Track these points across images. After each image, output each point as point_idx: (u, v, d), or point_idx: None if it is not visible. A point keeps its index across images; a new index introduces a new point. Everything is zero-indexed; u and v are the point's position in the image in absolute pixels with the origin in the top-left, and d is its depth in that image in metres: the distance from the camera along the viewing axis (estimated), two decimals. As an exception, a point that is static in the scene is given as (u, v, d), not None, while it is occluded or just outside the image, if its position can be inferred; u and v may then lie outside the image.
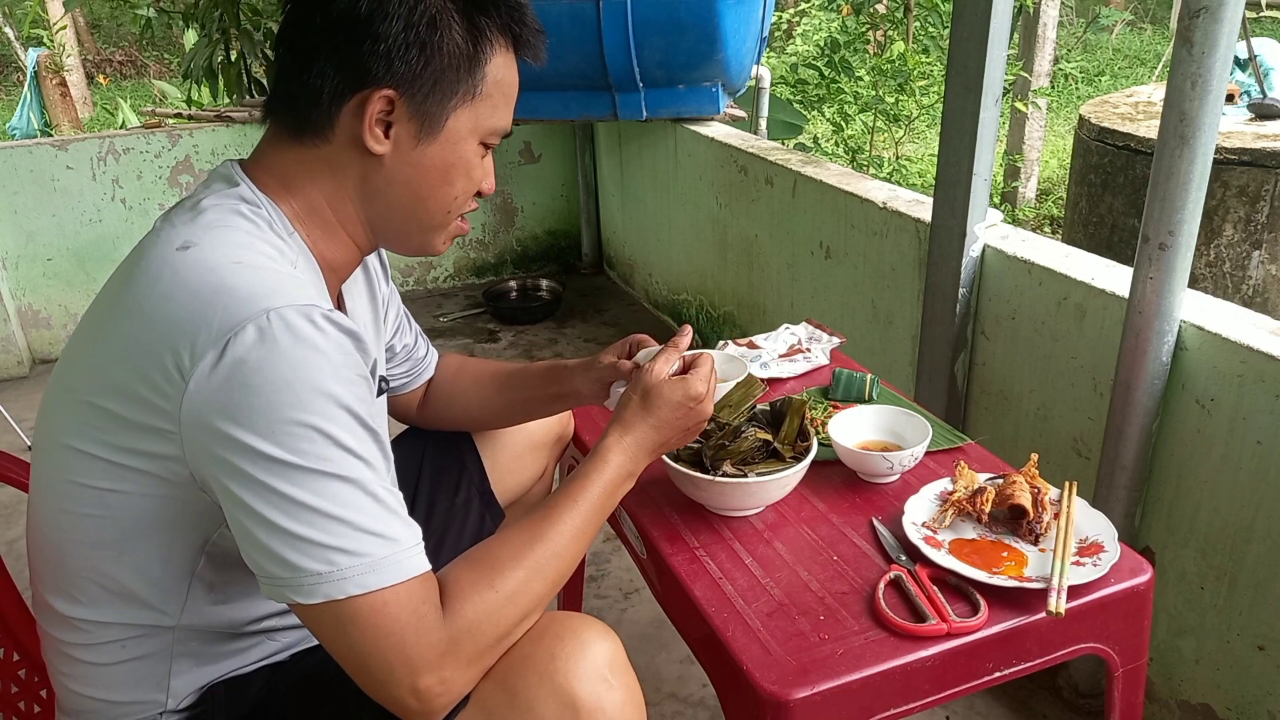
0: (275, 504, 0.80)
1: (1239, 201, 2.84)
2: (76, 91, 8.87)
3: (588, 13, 2.67)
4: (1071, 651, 1.08)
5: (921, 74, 4.54)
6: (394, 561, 0.83)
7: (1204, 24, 1.28)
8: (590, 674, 0.90)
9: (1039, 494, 1.16)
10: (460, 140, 0.97)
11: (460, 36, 0.93)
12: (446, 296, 3.99)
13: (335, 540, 0.81)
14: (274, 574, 0.82)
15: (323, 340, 0.82)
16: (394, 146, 0.95)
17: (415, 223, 1.02)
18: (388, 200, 0.99)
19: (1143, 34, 11.37)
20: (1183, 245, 1.39)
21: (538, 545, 0.94)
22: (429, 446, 1.40)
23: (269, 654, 1.05)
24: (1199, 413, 1.46)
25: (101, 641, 0.96)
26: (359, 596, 0.81)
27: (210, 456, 0.82)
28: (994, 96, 1.73)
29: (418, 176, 0.97)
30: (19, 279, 3.36)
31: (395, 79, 0.91)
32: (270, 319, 0.80)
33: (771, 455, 1.21)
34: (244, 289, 0.83)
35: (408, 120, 0.94)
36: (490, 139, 1.01)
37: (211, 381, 0.80)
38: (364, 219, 1.00)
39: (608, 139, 3.77)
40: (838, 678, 0.96)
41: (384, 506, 0.84)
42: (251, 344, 0.80)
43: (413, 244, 1.05)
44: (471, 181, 1.01)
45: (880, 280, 2.21)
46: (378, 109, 0.92)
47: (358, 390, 0.85)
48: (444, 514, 1.35)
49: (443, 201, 1.00)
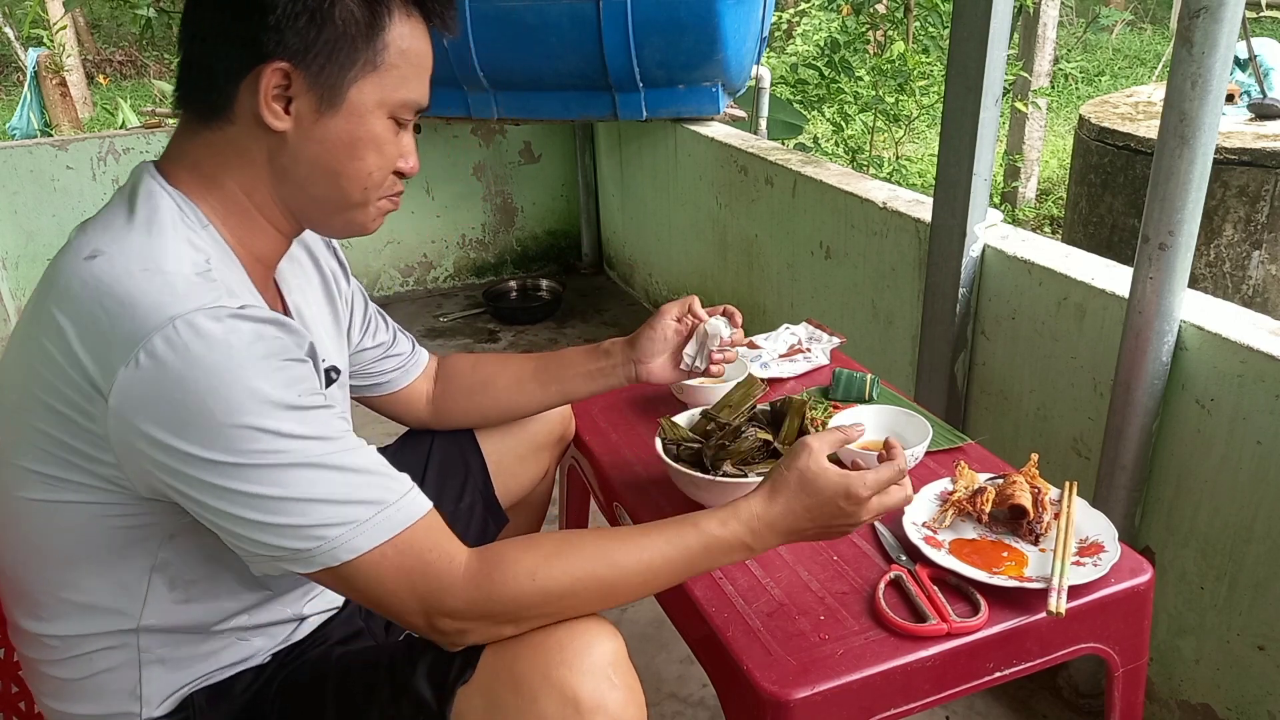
0: (244, 502, 0.81)
1: (1239, 201, 2.84)
2: (76, 91, 8.86)
3: (588, 13, 2.67)
4: (1071, 651, 1.08)
5: (921, 74, 4.54)
6: (381, 520, 0.85)
7: (1204, 24, 1.28)
8: (593, 672, 0.91)
9: (1039, 494, 1.16)
10: (365, 113, 0.93)
11: (354, 4, 0.90)
12: (446, 296, 3.99)
13: (316, 519, 0.82)
14: (263, 555, 0.84)
15: (235, 339, 0.81)
16: (296, 122, 0.92)
17: (331, 201, 0.98)
18: (298, 179, 0.95)
19: (1143, 34, 11.37)
20: (1183, 245, 1.39)
21: (601, 561, 0.92)
22: (433, 451, 1.40)
23: (245, 657, 1.04)
24: (1199, 413, 1.46)
25: (69, 655, 0.95)
26: (355, 559, 0.84)
27: (157, 468, 0.82)
28: (994, 96, 1.73)
29: (324, 152, 0.94)
30: (19, 279, 3.36)
31: (288, 51, 0.88)
32: (177, 327, 0.79)
33: (771, 455, 1.21)
34: (149, 298, 0.81)
35: (307, 93, 0.91)
36: (401, 113, 0.96)
37: (131, 397, 0.79)
38: (279, 201, 0.97)
39: (608, 139, 3.77)
40: (838, 678, 0.96)
41: (355, 472, 0.85)
42: (162, 355, 0.79)
43: (335, 224, 1.01)
44: (384, 157, 0.97)
45: (880, 280, 2.21)
46: (273, 83, 0.89)
47: (286, 375, 0.84)
48: (447, 519, 1.35)
49: (355, 178, 0.96)
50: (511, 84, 2.95)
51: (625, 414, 1.53)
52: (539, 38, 2.74)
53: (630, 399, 1.58)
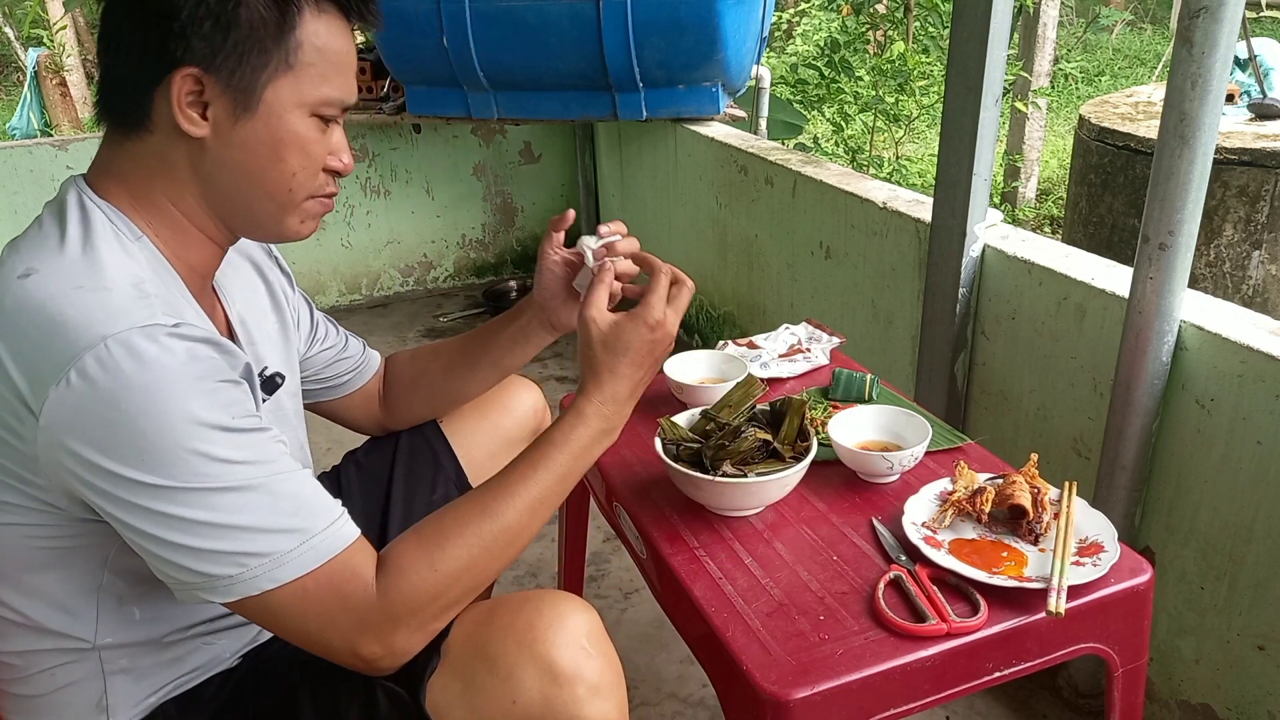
0: (169, 525, 0.80)
1: (1239, 201, 2.84)
2: (76, 91, 8.86)
3: (588, 13, 2.66)
4: (1071, 651, 1.08)
5: (921, 74, 4.54)
6: (306, 549, 0.83)
7: (1204, 24, 1.28)
8: (569, 643, 0.91)
9: (1039, 494, 1.16)
10: (285, 113, 0.91)
11: (261, 4, 0.88)
12: (446, 296, 3.99)
13: (239, 546, 0.81)
14: (184, 581, 0.83)
15: (169, 359, 0.80)
16: (214, 128, 0.90)
17: (258, 206, 0.96)
18: (221, 185, 0.94)
19: (1143, 34, 11.37)
20: (1183, 245, 1.38)
21: (487, 520, 0.93)
22: (400, 448, 1.39)
23: (212, 659, 1.04)
24: (1199, 413, 1.46)
25: (30, 673, 0.95)
26: (275, 590, 0.83)
27: (85, 487, 0.81)
28: (994, 96, 1.73)
29: (245, 156, 0.92)
30: (19, 279, 3.36)
31: (196, 56, 0.87)
32: (109, 347, 0.78)
33: (771, 455, 1.21)
34: (82, 317, 0.80)
35: (221, 98, 0.89)
36: (324, 110, 0.94)
37: (62, 417, 0.79)
38: (207, 208, 0.96)
39: (608, 139, 3.77)
40: (838, 678, 0.96)
41: (284, 497, 0.84)
42: (94, 375, 0.78)
43: (266, 230, 0.99)
44: (309, 158, 0.95)
45: (880, 280, 2.21)
46: (185, 90, 0.88)
47: (220, 397, 0.83)
48: (423, 512, 1.34)
49: (279, 180, 0.94)
50: (511, 84, 2.95)
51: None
52: (539, 38, 2.74)
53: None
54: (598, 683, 0.92)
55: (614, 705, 0.94)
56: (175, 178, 0.93)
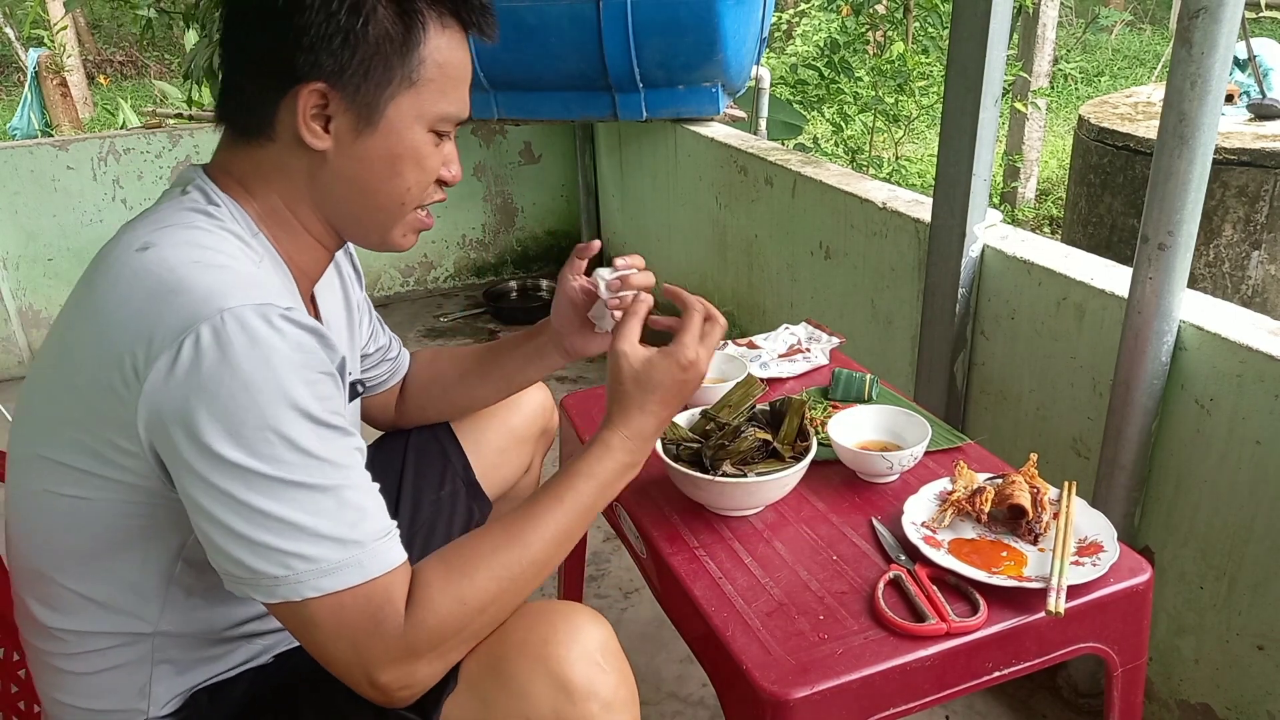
0: (233, 508, 0.80)
1: (1238, 201, 2.84)
2: (77, 92, 8.86)
3: (588, 13, 2.66)
4: (1071, 651, 1.08)
5: (921, 74, 4.54)
6: (354, 564, 0.82)
7: (1203, 24, 1.28)
8: (583, 658, 0.91)
9: (1038, 494, 1.16)
10: (404, 129, 0.94)
11: (388, 21, 0.90)
12: (446, 296, 3.99)
13: (292, 546, 0.81)
14: (232, 572, 0.83)
15: (280, 340, 0.81)
16: (335, 141, 0.92)
17: (369, 217, 0.99)
18: (338, 196, 0.96)
19: (1142, 34, 11.37)
20: (1182, 245, 1.39)
21: (515, 548, 0.92)
22: (410, 444, 1.40)
23: (250, 657, 1.05)
24: (1198, 413, 1.46)
25: (81, 651, 0.95)
26: (315, 599, 0.82)
27: (170, 456, 0.82)
28: (994, 96, 1.73)
29: (364, 170, 0.94)
30: (19, 279, 3.36)
31: (323, 72, 0.89)
32: (225, 319, 0.79)
33: (771, 455, 1.21)
34: (200, 288, 0.81)
35: (345, 113, 0.91)
36: (441, 125, 0.97)
37: (169, 383, 0.79)
38: (321, 217, 0.98)
39: (608, 139, 3.77)
40: (837, 677, 0.96)
41: (347, 506, 0.83)
42: (207, 345, 0.79)
43: (372, 239, 1.02)
44: (424, 171, 0.97)
45: (880, 280, 2.21)
46: (310, 104, 0.90)
47: (320, 389, 0.83)
48: (431, 508, 1.35)
49: (394, 194, 0.97)
50: (511, 84, 2.95)
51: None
52: (539, 38, 2.74)
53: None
54: (611, 700, 0.91)
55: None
56: (293, 185, 0.96)
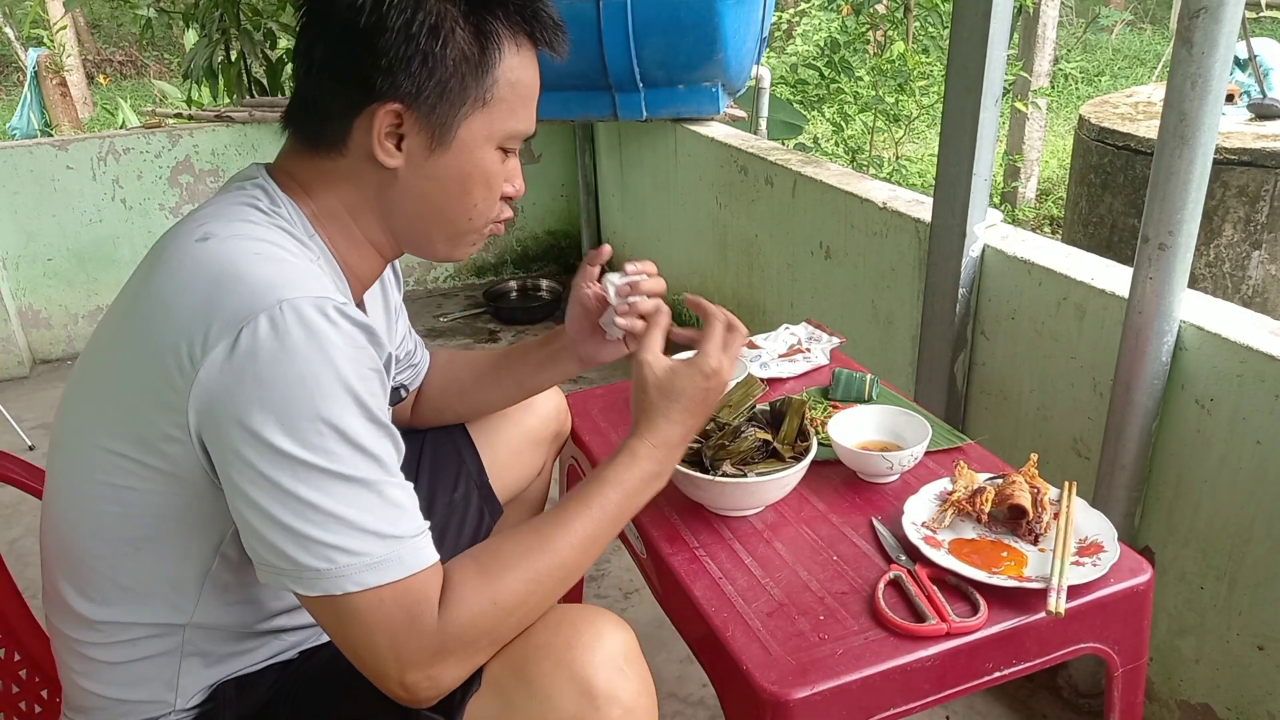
0: (279, 499, 0.80)
1: (1239, 201, 2.84)
2: (77, 91, 8.87)
3: (588, 13, 2.67)
4: (1071, 651, 1.08)
5: (921, 74, 4.54)
6: (395, 559, 0.83)
7: (1204, 24, 1.28)
8: (606, 663, 0.91)
9: (1038, 494, 1.16)
10: (475, 149, 0.95)
11: (466, 43, 0.91)
12: (447, 296, 3.99)
13: (336, 539, 0.81)
14: (273, 563, 0.83)
15: (335, 333, 0.82)
16: (407, 159, 0.94)
17: (437, 233, 1.01)
18: (406, 212, 0.98)
19: (1143, 34, 11.37)
20: (1182, 245, 1.39)
21: (544, 553, 0.93)
22: (426, 443, 1.40)
23: (277, 652, 1.05)
24: (1199, 413, 1.46)
25: (114, 640, 0.96)
26: (356, 593, 0.82)
27: (218, 444, 0.82)
28: (994, 96, 1.73)
29: (434, 188, 0.96)
30: (19, 279, 3.36)
31: (400, 93, 0.90)
32: (284, 309, 0.80)
33: (771, 455, 1.21)
34: (260, 278, 0.82)
35: (419, 132, 0.93)
36: (509, 143, 0.98)
37: (224, 371, 0.80)
38: (386, 229, 1.00)
39: (608, 139, 3.77)
40: (837, 678, 0.96)
41: (390, 503, 0.84)
42: (264, 335, 0.79)
43: (438, 253, 1.04)
44: (490, 189, 0.99)
45: (880, 280, 2.21)
46: (386, 124, 0.91)
47: (371, 385, 0.85)
48: (444, 509, 1.35)
49: (462, 211, 0.99)
50: (511, 84, 2.95)
51: (625, 413, 1.53)
52: (539, 38, 2.74)
53: (629, 398, 1.57)
54: (633, 705, 0.91)
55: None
56: (360, 198, 0.97)
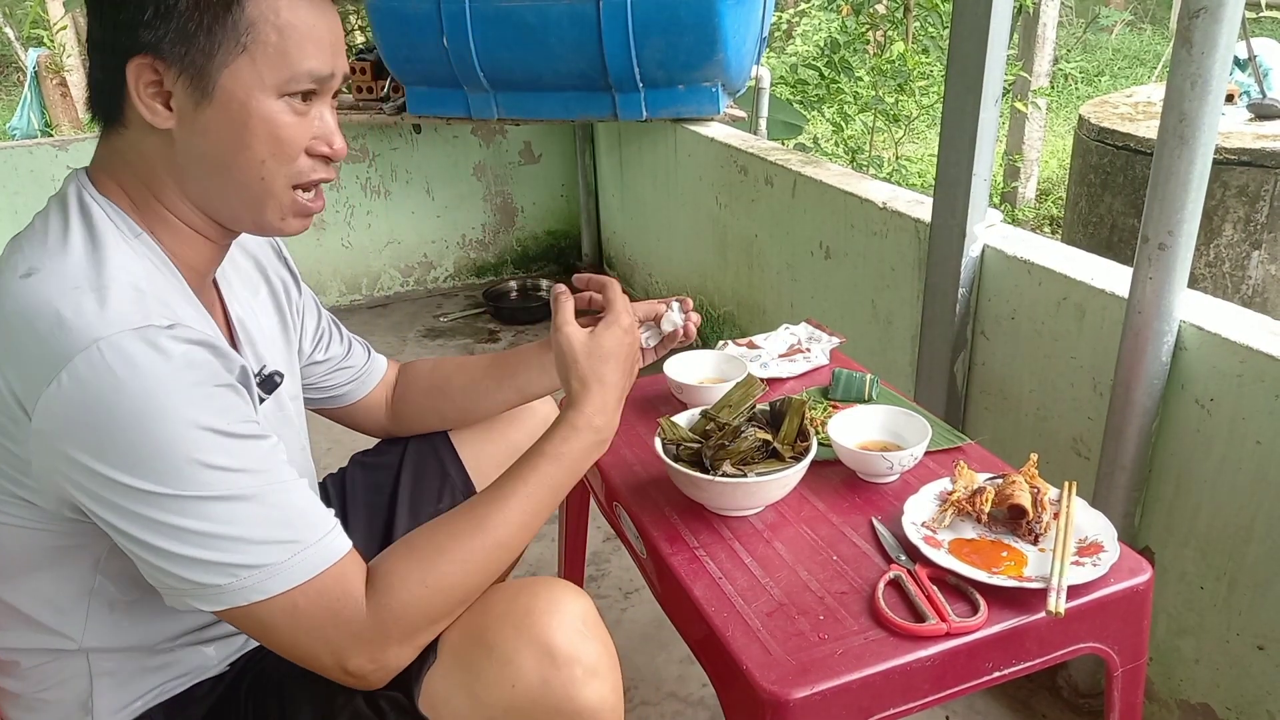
0: (161, 532, 0.80)
1: (1239, 201, 2.84)
2: (76, 92, 8.83)
3: (588, 13, 2.67)
4: (1071, 651, 1.08)
5: (921, 74, 4.54)
6: (297, 562, 0.83)
7: (1204, 24, 1.28)
8: (565, 626, 0.92)
9: (1038, 494, 1.16)
10: (246, 99, 0.87)
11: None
12: (446, 296, 3.99)
13: (230, 557, 0.81)
14: (174, 586, 0.82)
15: (163, 363, 0.79)
16: (179, 118, 0.88)
17: (232, 197, 0.92)
18: (195, 176, 0.91)
19: (1143, 34, 11.37)
20: (1182, 245, 1.39)
21: (478, 535, 0.93)
22: (407, 456, 1.38)
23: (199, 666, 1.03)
24: (1199, 413, 1.46)
25: (22, 669, 0.96)
26: (264, 601, 0.82)
27: (77, 489, 0.81)
28: (994, 96, 1.73)
29: (211, 145, 0.89)
30: (19, 279, 3.36)
31: (145, 45, 0.85)
32: (101, 350, 0.77)
33: (771, 455, 1.21)
34: (76, 319, 0.79)
35: (180, 86, 0.86)
36: (291, 87, 0.88)
37: (54, 419, 0.78)
38: (189, 203, 0.93)
39: (608, 139, 3.77)
40: (837, 677, 0.96)
41: (278, 508, 0.83)
42: (85, 379, 0.77)
43: (245, 222, 0.95)
44: (281, 142, 0.89)
45: (880, 280, 2.21)
46: (143, 80, 0.86)
47: (217, 403, 0.82)
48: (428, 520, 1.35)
49: (247, 168, 0.90)
50: (511, 84, 2.95)
51: (624, 414, 1.53)
52: (539, 38, 2.74)
53: (629, 399, 1.58)
54: (595, 664, 0.93)
55: (610, 687, 0.95)
56: (153, 172, 0.91)
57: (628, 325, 1.06)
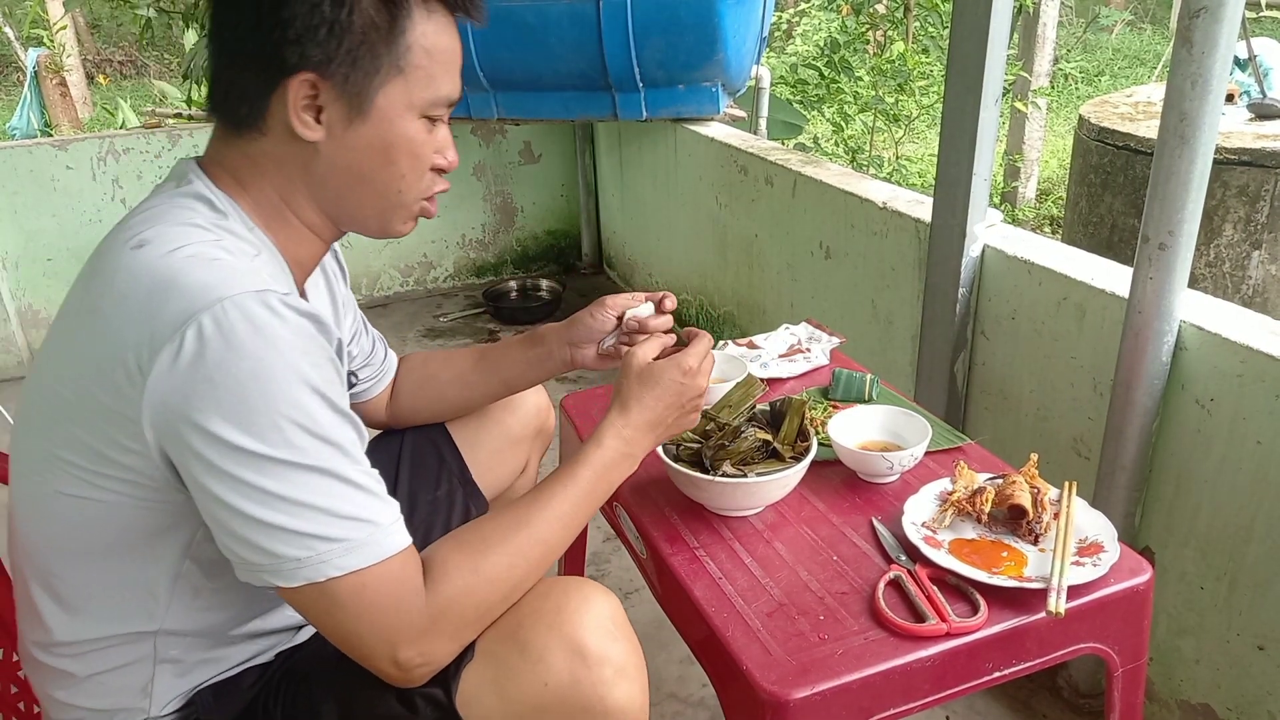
0: (250, 495, 0.81)
1: (1239, 201, 2.84)
2: (76, 91, 8.86)
3: (588, 13, 2.67)
4: (1071, 651, 1.08)
5: (921, 74, 4.54)
6: (372, 543, 0.84)
7: (1204, 24, 1.27)
8: (595, 626, 0.94)
9: (1038, 494, 1.16)
10: (396, 117, 0.94)
11: (372, 9, 0.90)
12: (446, 296, 3.99)
13: (312, 528, 0.82)
14: (251, 560, 0.83)
15: (281, 327, 0.81)
16: (328, 132, 0.93)
17: (367, 207, 0.99)
18: (334, 187, 0.97)
19: (1143, 34, 11.37)
20: (1182, 245, 1.38)
21: (523, 530, 0.96)
22: (405, 445, 1.40)
23: (252, 656, 1.05)
24: (1199, 413, 1.45)
25: (85, 650, 0.96)
26: (339, 578, 0.83)
27: (179, 450, 0.82)
28: (994, 96, 1.73)
29: (358, 160, 0.95)
30: (19, 279, 3.36)
31: (311, 63, 0.89)
32: (226, 308, 0.80)
33: (771, 455, 1.21)
34: (198, 280, 0.81)
35: (335, 103, 0.91)
36: (433, 111, 0.97)
37: (173, 376, 0.79)
38: (317, 208, 0.99)
39: (608, 139, 3.77)
40: (837, 678, 0.96)
41: (359, 489, 0.85)
42: (209, 335, 0.79)
43: (371, 227, 1.02)
44: (417, 159, 0.98)
45: (880, 280, 2.21)
46: (301, 95, 0.90)
47: (326, 373, 0.84)
48: (427, 508, 1.35)
49: (389, 182, 0.97)
50: (511, 84, 2.95)
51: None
52: (539, 38, 2.74)
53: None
54: (624, 665, 0.95)
55: (639, 688, 0.96)
56: (288, 177, 0.96)
57: (688, 367, 1.09)
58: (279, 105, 0.91)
